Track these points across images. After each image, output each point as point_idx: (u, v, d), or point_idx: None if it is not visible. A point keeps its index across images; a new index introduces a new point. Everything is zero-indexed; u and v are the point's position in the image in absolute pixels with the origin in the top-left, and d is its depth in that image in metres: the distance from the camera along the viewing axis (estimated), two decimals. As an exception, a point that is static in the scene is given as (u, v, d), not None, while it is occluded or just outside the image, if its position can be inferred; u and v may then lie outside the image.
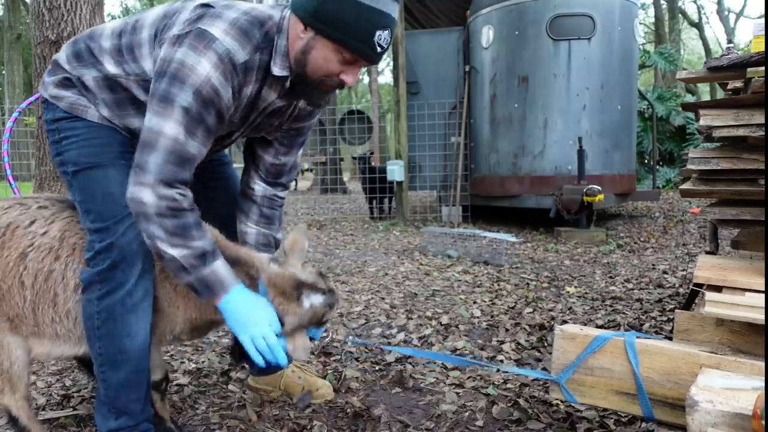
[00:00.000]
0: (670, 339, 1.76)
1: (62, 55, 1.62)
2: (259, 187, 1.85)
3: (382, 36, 1.41)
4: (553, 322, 3.00)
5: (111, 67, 1.55)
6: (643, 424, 1.80)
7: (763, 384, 1.24)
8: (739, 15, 28.35)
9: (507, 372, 2.12)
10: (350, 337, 1.88)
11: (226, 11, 1.46)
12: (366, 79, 24.18)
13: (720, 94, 15.20)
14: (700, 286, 1.89)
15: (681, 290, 3.65)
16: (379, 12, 1.39)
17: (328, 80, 1.50)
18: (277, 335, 1.51)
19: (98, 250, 1.51)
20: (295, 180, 14.96)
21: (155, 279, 1.61)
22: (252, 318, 1.49)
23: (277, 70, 1.50)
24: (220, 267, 1.47)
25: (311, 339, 1.68)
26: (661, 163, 11.08)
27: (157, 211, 1.39)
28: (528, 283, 4.04)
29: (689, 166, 2.18)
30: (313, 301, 1.55)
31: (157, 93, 1.40)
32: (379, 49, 1.43)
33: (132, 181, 1.41)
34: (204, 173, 1.87)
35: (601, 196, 5.77)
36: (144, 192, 1.39)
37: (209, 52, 1.38)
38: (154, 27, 1.53)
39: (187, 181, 1.46)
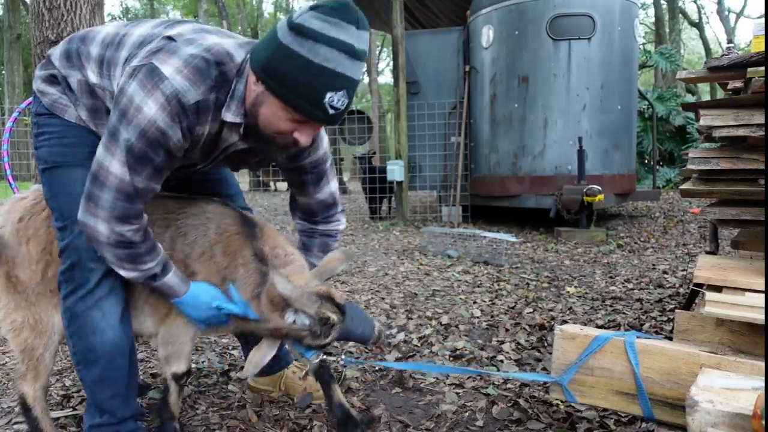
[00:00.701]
0: (670, 339, 1.76)
1: (56, 52, 1.62)
2: (298, 222, 1.89)
3: (334, 98, 1.31)
4: (553, 322, 3.00)
5: (93, 76, 1.54)
6: (643, 424, 1.80)
7: (763, 384, 1.24)
8: (739, 15, 28.36)
9: (509, 377, 2.12)
10: (343, 357, 1.86)
11: (185, 47, 1.39)
12: (366, 79, 24.19)
13: (720, 94, 15.21)
14: (700, 286, 1.89)
15: (681, 290, 3.65)
16: (333, 73, 1.28)
17: (281, 138, 1.42)
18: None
19: (61, 248, 1.56)
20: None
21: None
22: (201, 313, 1.59)
23: (229, 116, 1.43)
24: (169, 279, 1.53)
25: (301, 356, 1.68)
26: (661, 163, 11.07)
27: (108, 242, 1.43)
28: (528, 283, 4.04)
29: (689, 166, 2.18)
30: (297, 319, 1.54)
31: (109, 126, 1.40)
32: (332, 111, 1.33)
33: (84, 208, 1.43)
34: (199, 174, 1.87)
35: (601, 196, 5.77)
36: (98, 224, 1.42)
37: (156, 92, 1.33)
38: (130, 50, 1.49)
39: (140, 212, 1.46)
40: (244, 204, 1.98)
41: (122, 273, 1.49)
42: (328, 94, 1.30)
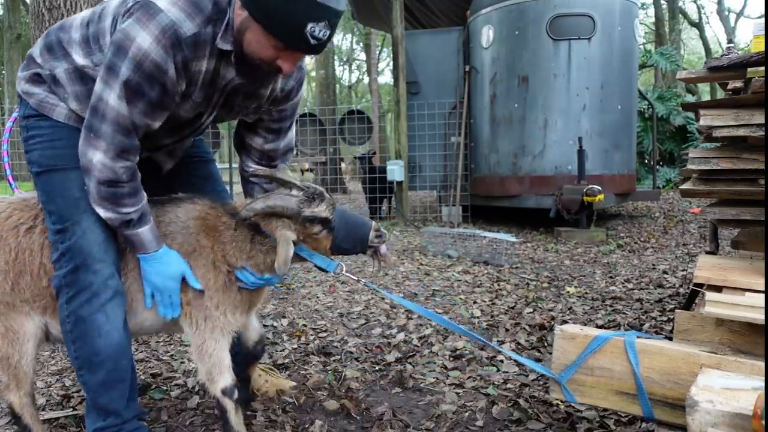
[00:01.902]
0: (670, 339, 1.76)
1: (36, 49, 1.60)
2: (252, 167, 1.83)
3: (315, 29, 1.30)
4: (553, 322, 3.00)
5: (80, 59, 1.53)
6: (643, 424, 1.80)
7: (763, 384, 1.24)
8: (739, 15, 28.33)
9: (511, 361, 2.12)
10: (363, 280, 1.90)
11: None
12: (366, 79, 24.16)
13: (720, 94, 15.20)
14: (700, 286, 1.89)
15: (681, 290, 3.65)
16: (313, 2, 1.28)
17: (266, 65, 1.43)
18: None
19: (62, 251, 1.53)
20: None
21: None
22: (160, 277, 1.56)
23: (221, 42, 1.42)
24: (143, 232, 1.53)
25: (323, 270, 1.71)
26: (661, 163, 11.07)
27: (98, 178, 1.45)
28: (528, 283, 4.03)
29: (689, 166, 2.18)
30: (282, 201, 1.60)
31: (105, 61, 1.40)
32: (313, 42, 1.32)
33: (84, 138, 1.45)
34: (185, 170, 1.87)
35: (601, 196, 5.76)
36: (95, 154, 1.43)
37: (151, 24, 1.34)
38: (114, 13, 1.49)
39: (135, 147, 1.48)
40: (229, 201, 1.97)
41: (100, 212, 1.50)
42: (309, 25, 1.30)
